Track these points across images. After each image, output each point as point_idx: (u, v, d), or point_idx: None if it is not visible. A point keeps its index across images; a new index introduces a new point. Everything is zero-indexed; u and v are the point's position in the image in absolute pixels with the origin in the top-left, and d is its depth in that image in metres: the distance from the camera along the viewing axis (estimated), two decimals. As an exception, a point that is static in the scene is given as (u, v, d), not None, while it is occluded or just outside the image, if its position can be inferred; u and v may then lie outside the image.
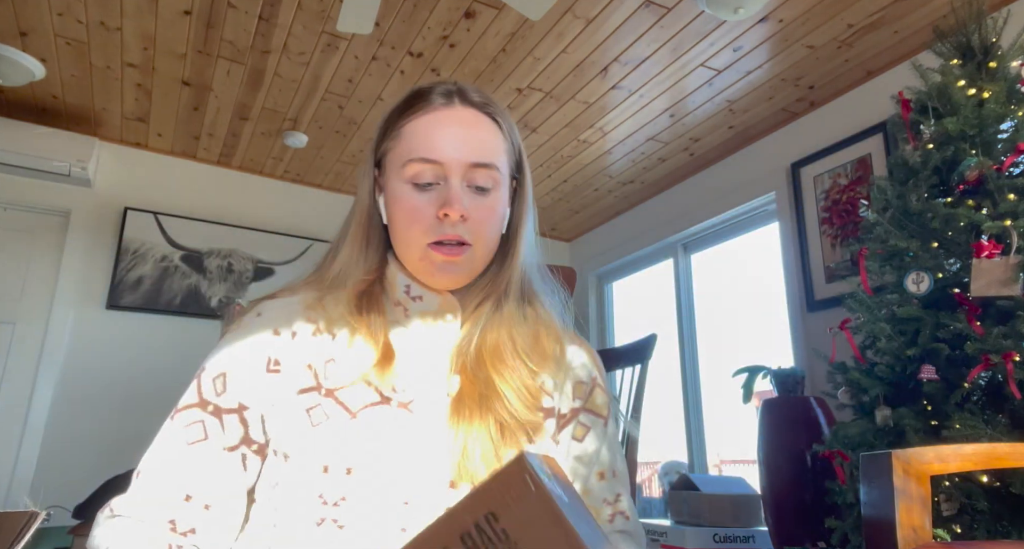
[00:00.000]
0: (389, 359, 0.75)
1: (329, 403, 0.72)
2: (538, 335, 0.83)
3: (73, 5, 2.25)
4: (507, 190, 0.83)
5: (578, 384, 0.84)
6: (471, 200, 0.78)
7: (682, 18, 2.28)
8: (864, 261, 1.79)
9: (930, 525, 0.86)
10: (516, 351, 0.79)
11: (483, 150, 0.79)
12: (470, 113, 0.80)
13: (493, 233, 0.80)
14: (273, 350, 0.76)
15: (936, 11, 2.21)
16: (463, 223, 0.77)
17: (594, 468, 0.80)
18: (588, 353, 0.88)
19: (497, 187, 0.80)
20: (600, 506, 0.79)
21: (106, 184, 3.17)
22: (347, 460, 0.69)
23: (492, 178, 0.79)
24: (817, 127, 2.81)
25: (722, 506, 2.53)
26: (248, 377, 0.74)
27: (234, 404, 0.73)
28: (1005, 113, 1.63)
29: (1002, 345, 1.43)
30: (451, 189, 0.76)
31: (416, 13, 2.26)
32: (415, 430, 0.72)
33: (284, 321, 0.78)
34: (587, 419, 0.83)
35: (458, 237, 0.76)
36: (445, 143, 0.77)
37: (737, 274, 3.84)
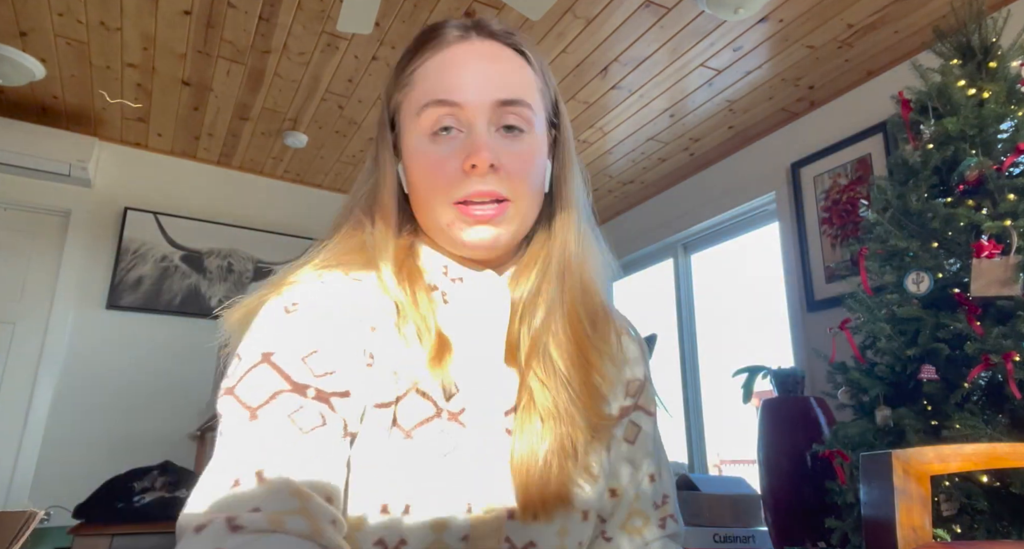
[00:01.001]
0: (444, 353, 0.62)
1: (386, 417, 0.60)
2: (596, 320, 0.71)
3: (73, 5, 2.25)
4: (544, 135, 0.69)
5: (631, 381, 0.74)
6: (502, 146, 0.64)
7: (682, 18, 2.28)
8: (864, 261, 1.79)
9: (930, 525, 0.86)
10: (581, 340, 0.67)
11: (510, 85, 0.65)
12: (491, 46, 0.67)
13: (535, 186, 0.66)
14: (364, 340, 0.60)
15: (936, 11, 2.21)
16: (495, 174, 0.63)
17: (645, 471, 0.73)
18: (638, 343, 0.78)
19: (532, 129, 0.66)
20: (650, 511, 0.72)
21: (106, 184, 3.17)
22: (405, 495, 0.58)
23: (524, 117, 0.65)
24: (817, 127, 2.81)
25: (722, 506, 2.53)
26: (350, 362, 0.58)
27: (342, 388, 0.57)
28: (1005, 113, 1.63)
29: (1002, 345, 1.43)
30: (476, 134, 0.63)
31: (416, 13, 2.26)
32: (470, 449, 0.61)
33: (362, 306, 0.62)
34: (639, 418, 0.74)
35: (492, 193, 0.63)
36: (464, 80, 0.64)
37: (737, 274, 3.84)
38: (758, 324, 3.63)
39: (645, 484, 0.73)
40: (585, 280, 0.71)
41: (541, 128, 0.68)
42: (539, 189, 0.68)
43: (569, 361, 0.66)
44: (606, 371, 0.69)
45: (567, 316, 0.68)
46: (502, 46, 0.68)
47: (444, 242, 0.67)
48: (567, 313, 0.68)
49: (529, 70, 0.69)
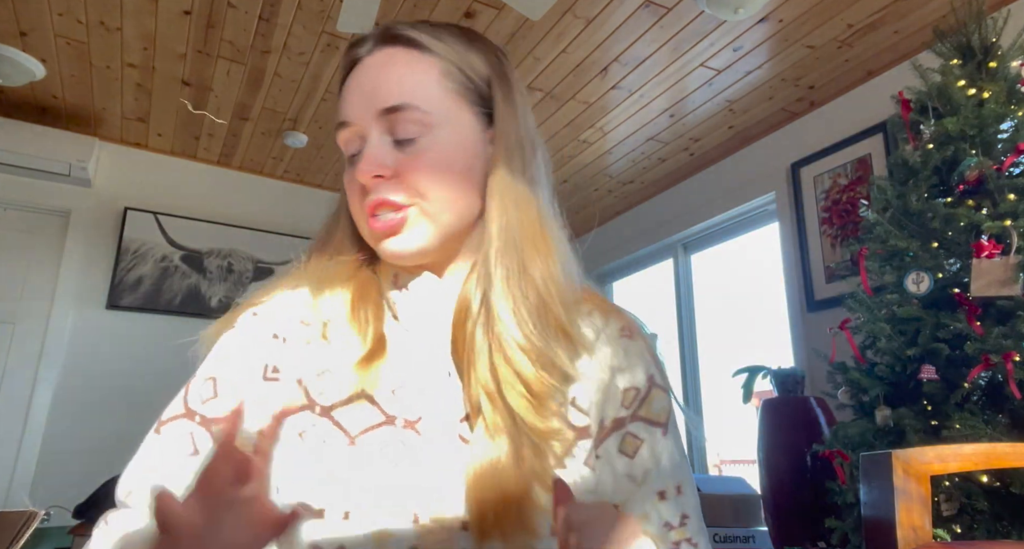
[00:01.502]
0: (376, 355, 0.63)
1: (325, 424, 0.61)
2: (546, 309, 0.64)
3: (73, 5, 2.25)
4: (466, 127, 0.66)
5: (628, 389, 0.66)
6: (399, 153, 0.63)
7: (682, 18, 2.28)
8: (864, 261, 1.79)
9: (930, 525, 0.86)
10: (522, 338, 0.61)
11: (391, 91, 0.63)
12: (388, 53, 0.65)
13: (444, 182, 0.64)
14: (271, 355, 0.65)
15: (936, 11, 2.20)
16: (389, 183, 0.63)
17: (653, 487, 0.64)
18: (642, 342, 0.69)
19: (429, 130, 0.63)
20: (662, 532, 0.63)
21: (106, 184, 3.17)
22: (346, 502, 0.58)
23: (414, 121, 0.63)
24: (817, 127, 2.81)
25: (722, 506, 2.53)
26: (241, 383, 0.64)
27: (224, 413, 0.62)
28: (1005, 113, 1.63)
29: (1002, 345, 1.43)
30: (365, 148, 0.63)
31: (416, 13, 2.26)
32: (424, 458, 0.60)
33: (280, 322, 0.66)
34: (640, 429, 0.65)
35: (386, 202, 0.62)
36: (353, 98, 0.65)
37: (737, 274, 3.84)
38: (758, 324, 3.63)
39: (652, 503, 0.64)
40: (536, 268, 0.64)
41: (456, 118, 0.65)
42: (455, 187, 0.64)
43: (516, 365, 0.60)
44: (570, 373, 0.63)
45: (514, 314, 0.62)
46: (400, 49, 0.66)
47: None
48: (514, 311, 0.62)
49: (427, 65, 0.65)
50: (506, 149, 0.66)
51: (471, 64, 0.67)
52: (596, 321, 0.69)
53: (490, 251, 0.64)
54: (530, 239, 0.65)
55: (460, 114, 0.66)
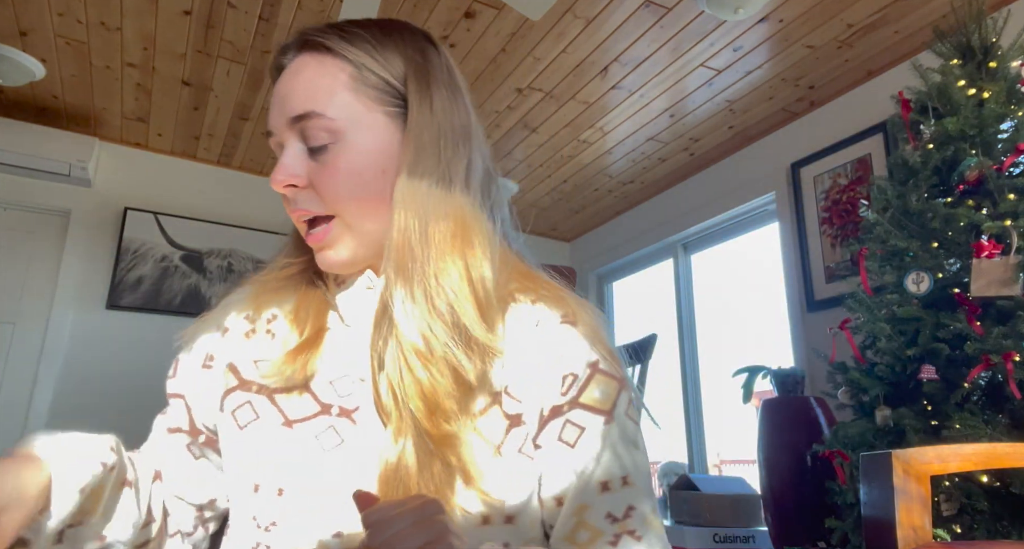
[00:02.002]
0: (310, 346, 0.65)
1: (262, 402, 0.65)
2: (455, 315, 0.61)
3: (73, 5, 2.25)
4: (378, 130, 0.64)
5: (566, 376, 0.63)
6: (310, 163, 0.63)
7: (682, 18, 2.28)
8: (864, 261, 1.79)
9: (930, 525, 0.86)
10: (422, 345, 0.60)
11: (298, 99, 0.63)
12: (301, 61, 0.65)
13: (358, 190, 0.63)
14: (210, 345, 0.72)
15: (936, 11, 2.21)
16: (306, 192, 0.64)
17: (595, 477, 0.61)
18: (586, 329, 0.66)
19: (339, 137, 0.62)
20: (602, 525, 0.60)
21: (106, 184, 3.17)
22: (278, 479, 0.61)
23: (322, 128, 0.62)
24: (817, 127, 2.81)
25: (722, 506, 2.53)
26: (190, 368, 0.72)
27: (178, 390, 0.72)
28: (1005, 113, 1.63)
29: (1002, 345, 1.43)
30: (281, 156, 0.64)
31: (416, 13, 2.26)
32: (357, 445, 0.62)
33: (226, 316, 0.73)
34: (581, 417, 0.63)
35: (305, 212, 0.64)
36: (272, 107, 0.66)
37: (737, 274, 3.85)
38: (758, 324, 3.63)
39: (593, 494, 0.61)
40: (446, 273, 0.61)
41: (367, 126, 0.63)
42: (373, 191, 0.63)
43: (415, 371, 0.59)
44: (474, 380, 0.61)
45: (415, 322, 0.60)
46: (311, 55, 0.65)
47: None
48: (416, 319, 0.60)
49: (335, 69, 0.63)
50: (415, 149, 0.63)
51: (385, 63, 0.65)
52: (538, 312, 0.66)
53: (388, 260, 0.62)
54: (439, 243, 0.62)
55: (371, 118, 0.64)
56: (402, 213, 0.62)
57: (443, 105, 0.66)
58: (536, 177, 3.50)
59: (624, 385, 0.65)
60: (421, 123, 0.64)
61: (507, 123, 2.97)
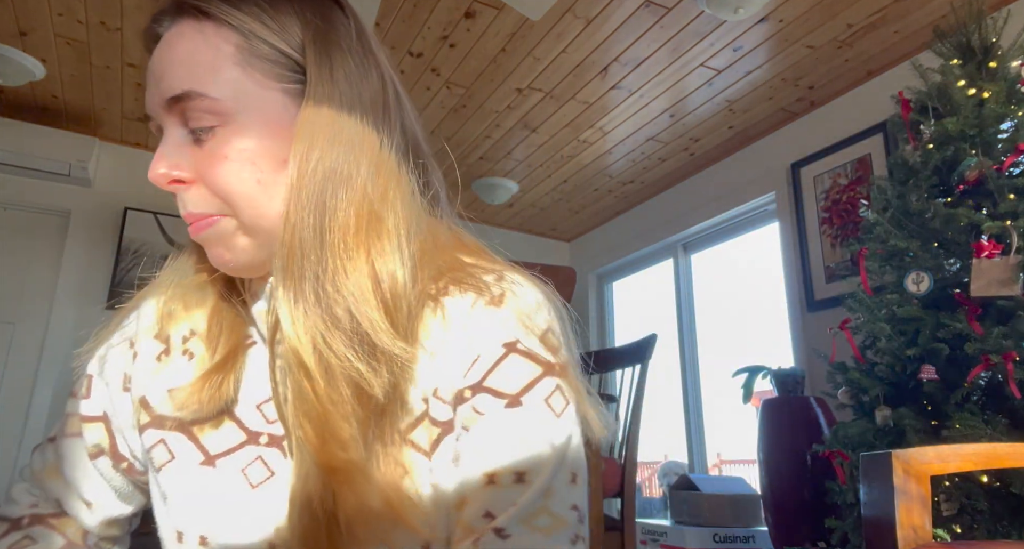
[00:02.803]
0: (222, 368, 0.56)
1: (176, 438, 0.56)
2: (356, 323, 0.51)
3: (73, 5, 2.25)
4: (267, 109, 0.53)
5: (476, 357, 0.53)
6: (195, 151, 0.53)
7: (682, 18, 2.28)
8: (864, 261, 1.79)
9: (930, 525, 0.86)
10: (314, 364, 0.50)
11: (175, 77, 0.52)
12: (176, 30, 0.54)
13: (250, 184, 0.52)
14: (127, 365, 0.62)
15: (936, 11, 2.21)
16: (190, 190, 0.53)
17: (480, 468, 0.51)
18: (511, 309, 0.55)
19: (226, 119, 0.52)
20: (478, 523, 0.49)
21: (106, 184, 3.17)
22: (200, 526, 0.54)
23: (205, 110, 0.51)
24: (817, 127, 2.81)
25: (722, 506, 2.53)
26: (109, 389, 0.63)
27: (95, 412, 0.62)
28: (1005, 113, 1.63)
29: (1002, 345, 1.43)
30: (161, 143, 0.54)
31: (416, 13, 2.26)
32: (287, 477, 0.54)
33: (136, 332, 0.64)
34: (482, 402, 0.52)
35: (192, 215, 0.54)
36: (148, 86, 0.54)
37: (737, 274, 3.85)
38: (758, 324, 3.63)
39: (478, 487, 0.51)
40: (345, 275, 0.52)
41: (259, 104, 0.53)
42: (269, 183, 0.53)
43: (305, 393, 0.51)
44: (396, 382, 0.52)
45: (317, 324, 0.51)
46: (190, 22, 0.53)
47: None
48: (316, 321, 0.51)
49: (219, 40, 0.52)
50: (310, 131, 0.52)
51: (279, 29, 0.54)
52: (467, 301, 0.55)
53: (276, 263, 0.52)
54: (337, 240, 0.52)
55: (265, 96, 0.53)
56: (293, 205, 0.51)
57: (348, 75, 0.55)
58: (536, 177, 3.50)
59: (553, 370, 0.54)
60: (320, 98, 0.53)
61: (507, 123, 2.97)
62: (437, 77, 2.63)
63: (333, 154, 0.53)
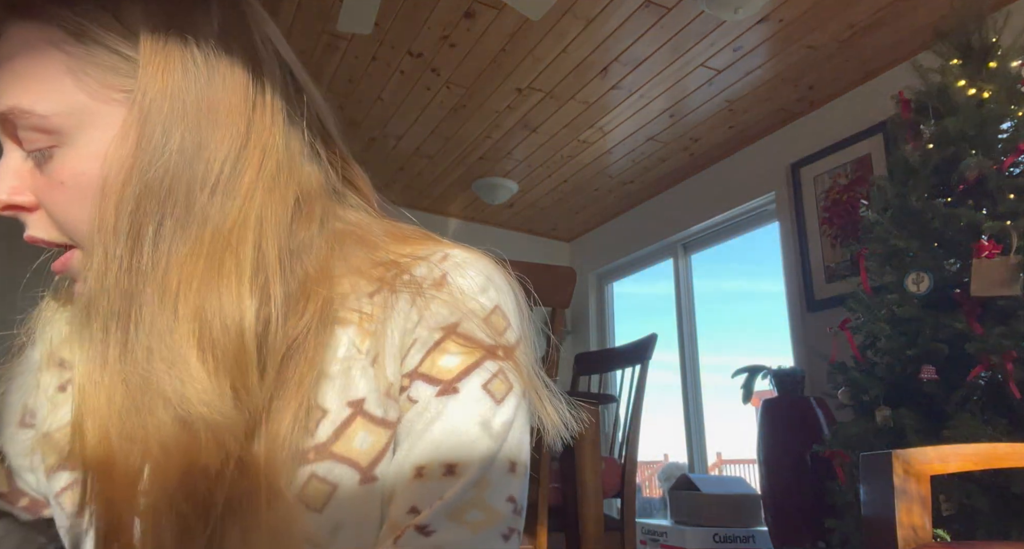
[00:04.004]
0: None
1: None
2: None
3: (73, 5, 2.25)
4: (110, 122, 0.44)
5: (411, 345, 0.48)
6: (36, 175, 0.46)
7: (682, 18, 2.28)
8: (864, 261, 1.79)
9: (930, 525, 0.86)
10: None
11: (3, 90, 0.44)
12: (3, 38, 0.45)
13: (90, 213, 0.44)
14: (28, 396, 0.55)
15: (936, 11, 2.20)
16: (31, 215, 0.47)
17: (409, 460, 0.46)
18: (453, 290, 0.49)
19: (64, 140, 0.44)
20: (401, 518, 0.44)
21: (106, 184, 3.17)
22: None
23: (34, 128, 0.44)
24: (817, 127, 2.81)
25: (722, 506, 2.53)
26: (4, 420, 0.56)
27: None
28: (1005, 113, 1.63)
29: (1002, 345, 1.43)
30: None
31: (416, 13, 2.26)
32: None
33: (42, 356, 0.56)
34: (417, 390, 0.47)
35: (39, 241, 0.48)
36: None
37: (737, 274, 3.85)
38: (758, 324, 3.63)
39: (406, 480, 0.46)
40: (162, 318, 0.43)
41: (91, 120, 0.44)
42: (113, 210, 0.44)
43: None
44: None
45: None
46: (16, 22, 0.44)
47: None
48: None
49: (44, 43, 0.44)
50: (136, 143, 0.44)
51: (119, 25, 0.44)
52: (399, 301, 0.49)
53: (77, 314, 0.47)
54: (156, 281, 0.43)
55: (103, 110, 0.44)
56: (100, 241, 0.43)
57: (188, 71, 0.44)
58: (536, 177, 3.50)
59: (494, 354, 0.48)
60: (147, 105, 0.43)
61: (507, 123, 2.97)
62: (437, 77, 2.63)
63: (155, 167, 0.43)
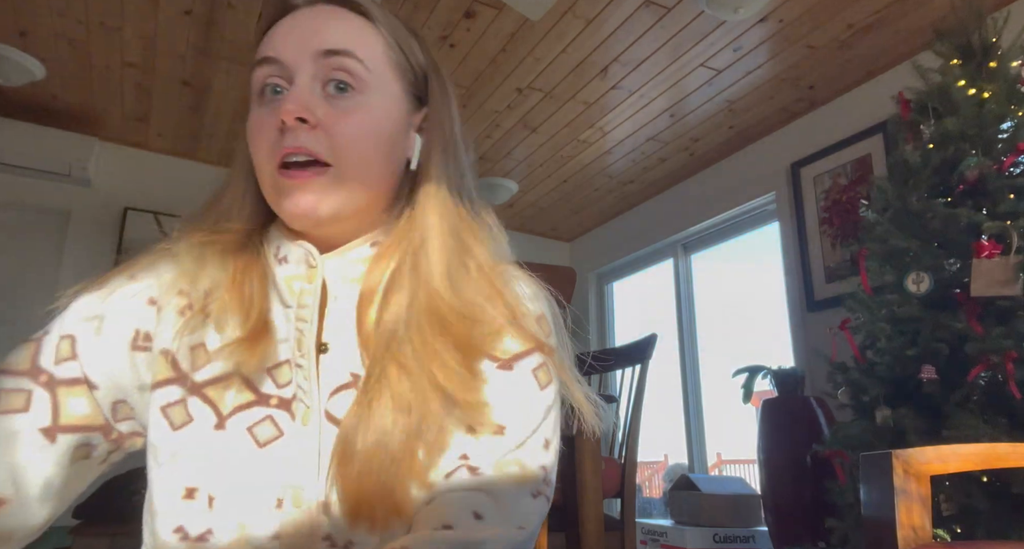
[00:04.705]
0: (258, 336, 0.58)
1: (195, 401, 0.57)
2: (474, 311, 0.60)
3: (73, 5, 2.25)
4: (395, 103, 0.63)
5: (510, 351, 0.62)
6: (325, 104, 0.58)
7: (682, 18, 2.28)
8: (864, 261, 1.79)
9: (930, 525, 0.86)
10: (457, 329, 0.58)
11: (337, 36, 0.60)
12: (332, 9, 0.62)
13: (366, 148, 0.60)
14: (143, 322, 0.60)
15: (936, 11, 2.20)
16: (311, 131, 0.57)
17: (463, 419, 0.57)
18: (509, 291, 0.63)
19: (366, 87, 0.60)
20: (451, 462, 0.56)
21: (106, 184, 3.17)
22: (209, 485, 0.55)
23: (353, 72, 0.59)
24: (817, 127, 2.81)
25: (722, 506, 2.53)
26: (105, 349, 0.59)
27: (79, 375, 0.58)
28: (1005, 113, 1.63)
29: (1002, 345, 1.43)
30: (292, 88, 0.58)
31: (416, 13, 2.26)
32: (294, 439, 0.56)
33: (157, 289, 0.62)
34: (485, 366, 0.59)
35: (302, 148, 0.57)
36: (289, 38, 0.60)
37: (737, 274, 3.85)
38: (758, 324, 3.63)
39: (456, 439, 0.57)
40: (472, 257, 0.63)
41: (388, 90, 0.62)
42: (380, 156, 0.61)
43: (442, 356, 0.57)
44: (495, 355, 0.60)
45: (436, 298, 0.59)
46: (344, 10, 0.62)
47: (273, 208, 0.62)
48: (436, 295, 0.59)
49: (373, 33, 0.62)
50: (442, 139, 0.65)
51: (412, 48, 0.65)
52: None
53: (429, 239, 0.61)
54: (468, 229, 0.64)
55: (394, 86, 0.63)
56: (436, 195, 0.63)
57: (455, 109, 0.68)
58: (536, 177, 3.50)
59: (542, 348, 0.61)
60: (443, 116, 0.66)
61: (507, 123, 2.97)
62: (437, 77, 2.63)
63: (458, 163, 0.66)
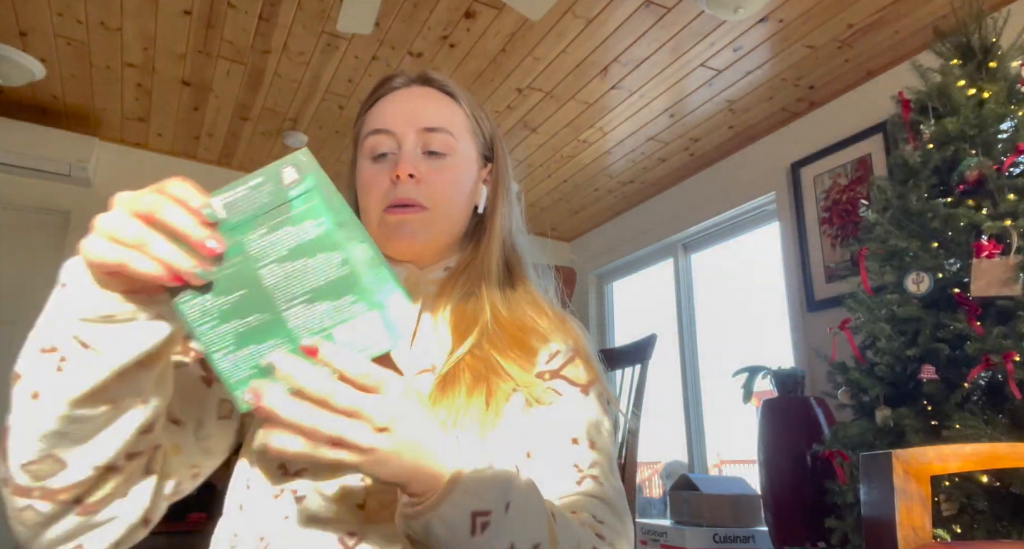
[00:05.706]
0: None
1: None
2: (524, 319, 0.78)
3: (73, 5, 2.25)
4: (472, 163, 0.84)
5: (555, 353, 0.77)
6: (425, 164, 0.79)
7: (682, 18, 2.28)
8: (864, 261, 1.79)
9: (930, 525, 0.86)
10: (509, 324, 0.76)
11: (433, 116, 0.81)
12: (426, 90, 0.83)
13: (453, 198, 0.80)
14: None
15: (936, 11, 2.21)
16: (415, 185, 0.77)
17: (566, 433, 0.72)
18: (576, 327, 0.83)
19: (454, 153, 0.80)
20: (568, 470, 0.69)
21: (106, 184, 3.17)
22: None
23: (446, 143, 0.80)
24: (817, 127, 2.81)
25: (722, 506, 2.53)
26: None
27: None
28: (1005, 113, 1.63)
29: (1002, 345, 1.43)
30: (401, 153, 0.78)
31: (416, 13, 2.26)
32: None
33: None
34: (560, 385, 0.75)
35: (409, 199, 0.76)
36: (397, 114, 0.80)
37: (737, 274, 3.85)
38: (758, 324, 3.63)
39: (563, 445, 0.71)
40: (513, 287, 0.82)
41: (468, 154, 0.83)
42: (461, 204, 0.81)
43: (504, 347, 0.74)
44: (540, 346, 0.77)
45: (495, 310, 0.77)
46: (436, 91, 0.83)
47: (376, 242, 0.73)
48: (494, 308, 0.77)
49: (458, 109, 0.84)
50: (503, 190, 0.87)
51: (482, 119, 0.87)
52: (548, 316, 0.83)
53: (491, 269, 0.81)
54: (517, 261, 0.85)
55: (472, 150, 0.84)
56: (496, 228, 0.83)
57: (510, 164, 0.91)
58: (536, 177, 3.50)
59: (599, 379, 0.78)
60: (503, 171, 0.87)
61: (507, 123, 2.97)
62: (437, 77, 2.63)
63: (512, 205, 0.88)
